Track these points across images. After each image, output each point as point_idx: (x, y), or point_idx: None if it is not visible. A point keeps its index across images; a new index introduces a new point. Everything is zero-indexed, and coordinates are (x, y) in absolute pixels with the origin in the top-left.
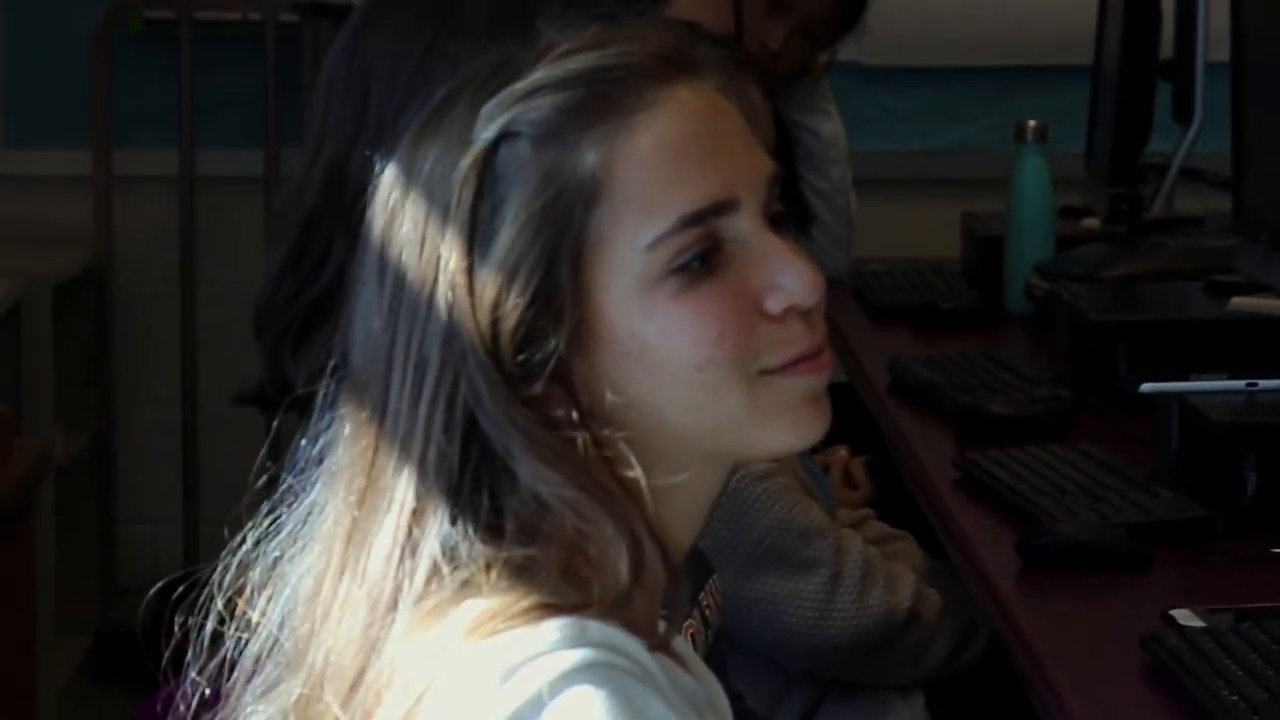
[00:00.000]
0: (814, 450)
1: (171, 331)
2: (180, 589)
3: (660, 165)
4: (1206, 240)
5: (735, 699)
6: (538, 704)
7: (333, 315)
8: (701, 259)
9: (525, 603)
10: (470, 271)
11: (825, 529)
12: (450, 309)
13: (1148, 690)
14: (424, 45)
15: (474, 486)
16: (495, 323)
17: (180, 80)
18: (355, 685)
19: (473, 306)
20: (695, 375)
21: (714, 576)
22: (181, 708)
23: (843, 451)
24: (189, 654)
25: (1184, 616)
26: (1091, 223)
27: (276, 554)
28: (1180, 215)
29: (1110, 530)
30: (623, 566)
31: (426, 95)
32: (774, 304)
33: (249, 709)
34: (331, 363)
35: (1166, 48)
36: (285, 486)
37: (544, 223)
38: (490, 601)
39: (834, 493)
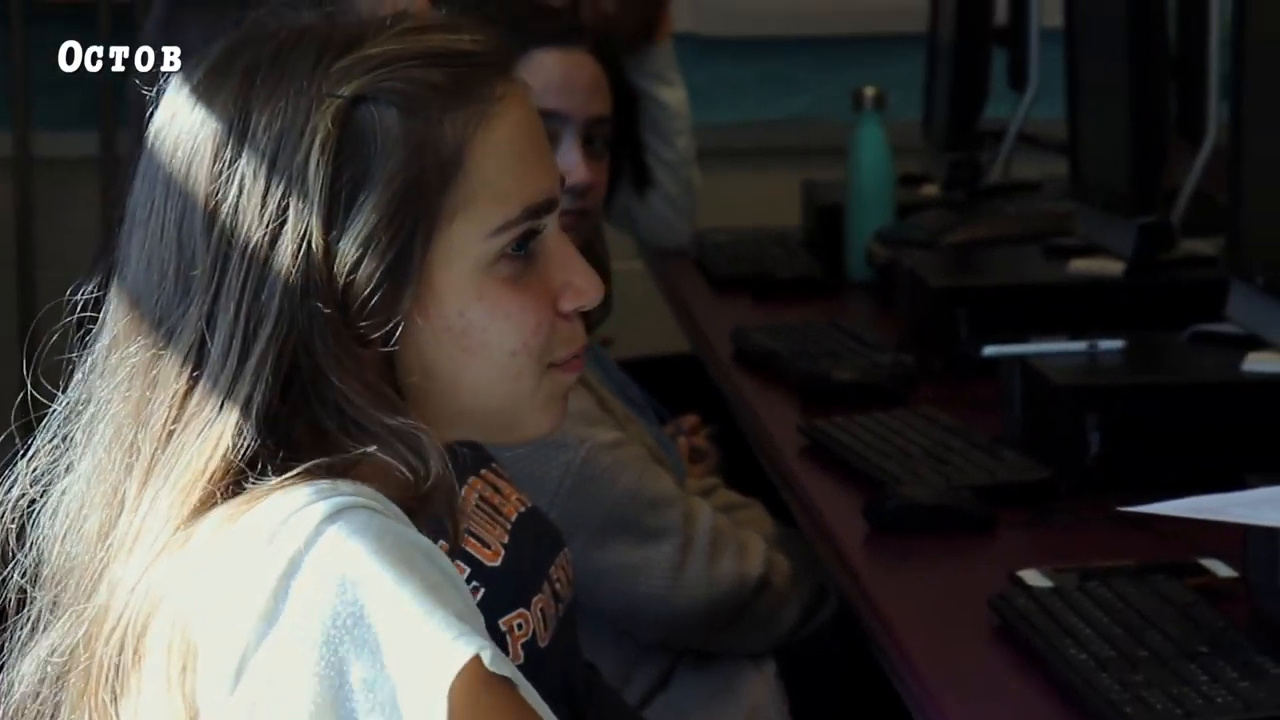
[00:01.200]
0: (662, 420)
1: (9, 315)
2: None
3: (510, 157)
4: (1044, 204)
5: (589, 668)
6: (299, 557)
7: None
8: (525, 250)
9: (284, 479)
10: (327, 234)
11: (675, 497)
12: (302, 264)
13: (997, 651)
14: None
15: (289, 423)
16: (348, 287)
17: (13, 60)
18: (133, 589)
19: (328, 269)
20: (507, 359)
21: (565, 550)
22: None
23: (690, 421)
24: None
25: (1031, 577)
26: (931, 189)
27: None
28: (1018, 180)
29: (955, 492)
30: (413, 481)
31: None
32: (568, 303)
33: (28, 647)
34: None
35: (1001, 14)
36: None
37: (407, 196)
38: (249, 492)
39: (682, 461)
